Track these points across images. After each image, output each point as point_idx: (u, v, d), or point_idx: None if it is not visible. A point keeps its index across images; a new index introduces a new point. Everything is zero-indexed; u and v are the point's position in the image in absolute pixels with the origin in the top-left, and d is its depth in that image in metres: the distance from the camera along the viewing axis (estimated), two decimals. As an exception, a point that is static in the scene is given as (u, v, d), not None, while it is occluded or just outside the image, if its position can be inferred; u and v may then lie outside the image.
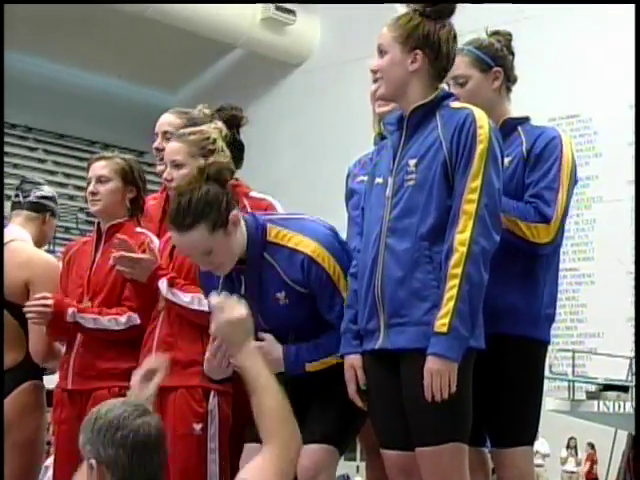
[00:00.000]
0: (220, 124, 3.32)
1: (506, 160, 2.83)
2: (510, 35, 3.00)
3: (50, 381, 3.54)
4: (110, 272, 3.33)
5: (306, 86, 16.14)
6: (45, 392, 3.55)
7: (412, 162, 2.61)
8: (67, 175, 18.44)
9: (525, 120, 2.95)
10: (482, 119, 2.60)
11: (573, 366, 11.62)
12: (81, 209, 17.67)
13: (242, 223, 2.73)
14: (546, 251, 2.83)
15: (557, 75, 12.95)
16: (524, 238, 2.80)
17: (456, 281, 2.49)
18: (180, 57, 16.34)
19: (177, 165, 3.17)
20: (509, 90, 2.96)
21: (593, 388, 10.78)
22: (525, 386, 2.80)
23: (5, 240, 3.63)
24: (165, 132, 3.48)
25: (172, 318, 3.14)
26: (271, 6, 14.41)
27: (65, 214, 17.86)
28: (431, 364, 2.46)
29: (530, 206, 2.80)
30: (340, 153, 7.87)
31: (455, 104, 2.68)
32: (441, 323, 2.47)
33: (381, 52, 2.70)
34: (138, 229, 3.39)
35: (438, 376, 2.47)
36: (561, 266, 3.02)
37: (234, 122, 3.57)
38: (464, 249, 2.50)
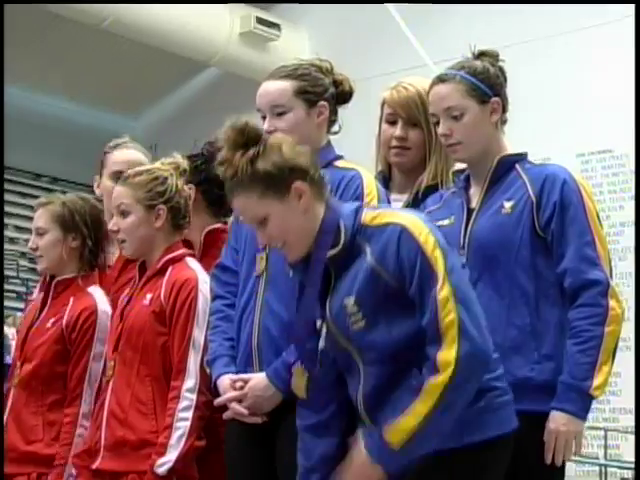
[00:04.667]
0: (178, 158, 3.35)
1: (507, 205, 2.87)
2: (499, 56, 3.04)
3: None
4: (47, 336, 3.35)
5: (292, 112, 16.22)
6: None
7: None
8: (7, 214, 18.44)
9: (523, 157, 3.00)
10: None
11: (605, 447, 11.59)
12: (23, 254, 17.64)
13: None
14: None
15: (586, 105, 13.04)
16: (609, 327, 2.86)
17: None
18: (144, 77, 16.42)
19: (122, 212, 3.20)
20: (504, 123, 3.00)
21: (629, 474, 10.75)
22: (546, 473, 2.84)
23: None
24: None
25: (121, 390, 3.14)
26: (252, 19, 14.53)
27: (5, 260, 17.80)
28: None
29: (588, 298, 2.83)
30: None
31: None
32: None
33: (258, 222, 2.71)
34: (90, 289, 3.42)
35: None
36: (593, 328, 3.05)
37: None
38: None
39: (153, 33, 14.38)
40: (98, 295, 3.41)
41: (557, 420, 2.79)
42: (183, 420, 3.00)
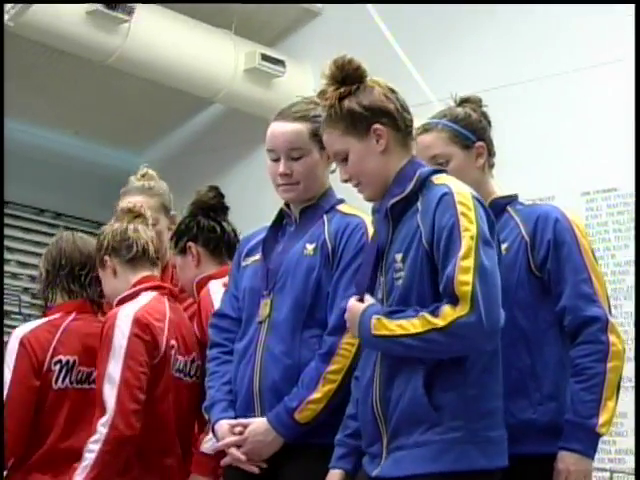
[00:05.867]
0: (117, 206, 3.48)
1: (502, 247, 2.91)
2: (481, 101, 3.10)
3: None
4: None
5: (296, 149, 16.24)
6: None
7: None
8: (9, 249, 18.45)
9: (513, 199, 3.03)
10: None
11: (611, 489, 11.53)
12: (25, 289, 17.66)
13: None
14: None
15: (590, 143, 13.09)
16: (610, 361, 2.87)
17: None
18: (148, 113, 16.50)
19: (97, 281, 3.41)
20: (491, 166, 3.04)
21: (636, 517, 10.68)
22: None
23: None
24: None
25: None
26: (257, 56, 14.63)
27: (7, 296, 17.78)
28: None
29: (588, 335, 2.84)
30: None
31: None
32: None
33: (340, 159, 2.77)
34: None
35: None
36: (598, 368, 3.05)
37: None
38: None
39: (157, 69, 14.48)
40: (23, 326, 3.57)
41: (566, 460, 2.79)
42: (90, 452, 3.08)
